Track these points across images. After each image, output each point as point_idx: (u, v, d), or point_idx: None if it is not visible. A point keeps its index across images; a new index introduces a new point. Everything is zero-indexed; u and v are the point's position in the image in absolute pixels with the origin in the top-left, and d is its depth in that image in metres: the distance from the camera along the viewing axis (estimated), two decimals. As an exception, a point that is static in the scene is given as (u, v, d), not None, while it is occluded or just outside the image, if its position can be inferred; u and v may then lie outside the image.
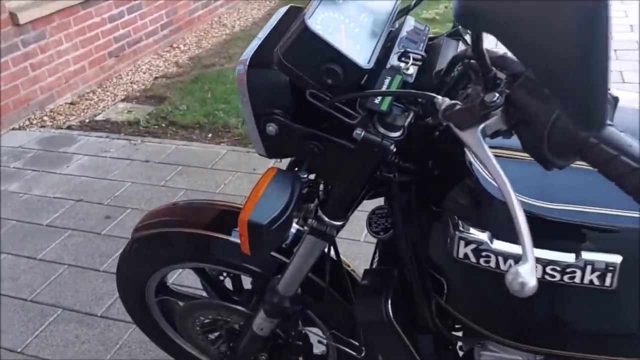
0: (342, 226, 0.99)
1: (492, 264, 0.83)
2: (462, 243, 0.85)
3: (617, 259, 0.79)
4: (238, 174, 2.84)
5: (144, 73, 4.27)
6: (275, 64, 0.82)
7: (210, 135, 3.28)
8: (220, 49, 4.62)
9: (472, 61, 0.71)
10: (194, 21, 4.98)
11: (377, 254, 1.14)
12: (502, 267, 0.83)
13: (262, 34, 0.93)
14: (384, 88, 0.79)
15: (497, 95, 0.60)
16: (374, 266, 1.14)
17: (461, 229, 0.85)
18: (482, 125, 0.61)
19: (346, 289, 1.20)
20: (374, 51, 0.82)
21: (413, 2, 0.97)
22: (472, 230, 0.85)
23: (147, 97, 3.87)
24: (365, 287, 1.07)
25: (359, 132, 0.82)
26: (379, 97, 0.79)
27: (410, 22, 0.93)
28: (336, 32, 0.80)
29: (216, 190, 2.73)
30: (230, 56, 4.38)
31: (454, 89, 0.79)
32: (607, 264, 0.79)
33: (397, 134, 0.83)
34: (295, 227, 1.18)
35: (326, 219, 0.97)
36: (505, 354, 0.98)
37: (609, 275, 0.79)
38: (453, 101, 0.64)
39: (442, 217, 0.91)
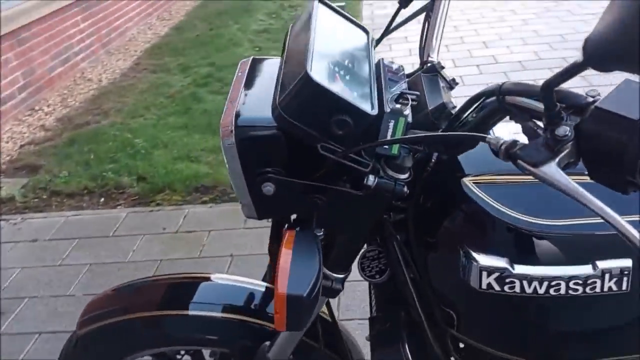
0: (346, 278, 0.93)
1: (517, 289, 0.82)
2: (484, 274, 0.83)
3: (628, 262, 0.81)
4: (146, 237, 2.62)
5: (7, 142, 3.85)
6: (275, 120, 0.75)
7: (102, 199, 3.01)
8: (91, 105, 4.31)
9: (512, 97, 0.70)
10: (54, 79, 4.61)
11: (374, 299, 1.09)
12: (527, 290, 0.82)
13: (235, 93, 0.86)
14: (389, 132, 0.76)
15: (568, 129, 0.59)
16: (374, 312, 1.08)
17: (477, 259, 0.83)
18: (557, 159, 0.59)
19: (340, 347, 1.13)
20: (372, 96, 0.79)
21: (379, 36, 0.96)
22: (490, 259, 0.83)
23: (17, 169, 3.48)
24: (379, 336, 1.01)
25: (372, 179, 0.77)
26: None
27: (383, 62, 0.92)
28: (335, 82, 0.76)
29: (125, 259, 2.49)
30: (104, 112, 4.10)
31: (480, 126, 0.77)
32: (622, 269, 0.81)
33: (405, 176, 0.81)
34: None
35: (331, 273, 0.90)
36: None
37: (625, 279, 0.81)
38: (511, 139, 0.62)
39: (448, 249, 0.89)
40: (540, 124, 0.66)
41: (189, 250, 2.50)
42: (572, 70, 0.56)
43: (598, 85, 3.30)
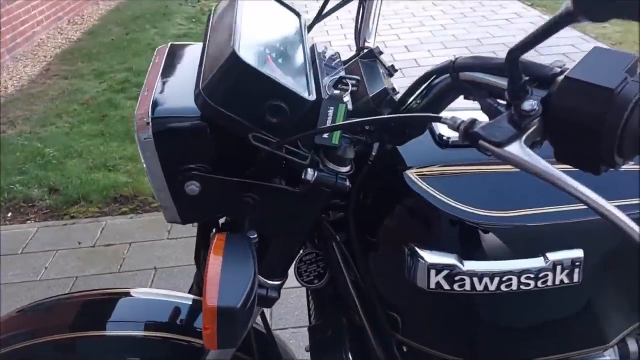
0: (283, 285, 0.85)
1: (468, 287, 0.77)
2: (432, 272, 0.77)
3: (580, 253, 0.78)
4: (60, 253, 2.41)
5: None
6: (199, 108, 0.67)
7: (10, 214, 2.75)
8: (-5, 114, 3.98)
9: (467, 74, 0.64)
10: (-48, 87, 4.22)
11: (312, 307, 1.01)
12: (478, 287, 0.77)
13: (152, 82, 0.76)
14: (329, 120, 0.69)
15: (535, 102, 0.54)
16: (313, 320, 1.00)
17: (424, 257, 0.78)
18: (524, 137, 0.54)
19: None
20: (308, 81, 0.71)
21: (312, 21, 0.88)
22: (438, 256, 0.78)
23: None
24: (320, 345, 0.94)
25: (312, 173, 0.70)
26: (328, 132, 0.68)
27: (317, 48, 0.85)
28: (267, 64, 0.68)
29: (37, 277, 2.27)
30: (11, 121, 3.78)
31: (431, 109, 0.71)
32: (573, 260, 0.78)
33: (347, 169, 0.74)
34: None
35: (266, 281, 0.82)
36: None
37: (576, 270, 0.78)
38: (471, 118, 0.56)
39: (393, 248, 0.83)
40: (501, 101, 0.61)
41: (108, 265, 2.32)
42: (551, 28, 0.49)
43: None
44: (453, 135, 0.85)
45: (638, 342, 0.93)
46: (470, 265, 0.77)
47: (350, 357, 0.90)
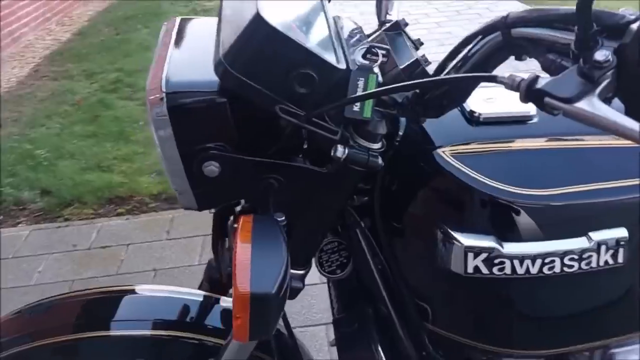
0: (307, 274, 0.79)
1: (508, 271, 0.72)
2: (469, 256, 0.71)
3: (624, 232, 0.73)
4: (54, 256, 2.33)
5: None
6: (220, 79, 0.61)
7: (1, 217, 2.66)
8: (-17, 117, 3.88)
9: (521, 29, 0.58)
10: (-62, 90, 4.11)
11: (335, 299, 0.95)
12: (519, 271, 0.71)
13: (163, 54, 0.70)
14: (359, 91, 0.63)
15: (608, 53, 0.48)
16: (336, 313, 0.94)
17: (460, 239, 0.72)
18: (598, 90, 0.48)
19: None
20: (335, 49, 0.65)
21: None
22: (475, 238, 0.72)
23: None
24: (346, 339, 0.88)
25: (342, 150, 0.64)
26: (358, 103, 0.62)
27: (339, 19, 0.79)
28: (293, 31, 0.62)
29: (30, 282, 2.19)
30: (-1, 123, 3.69)
31: (477, 70, 0.65)
32: (617, 240, 0.73)
33: (379, 145, 0.68)
34: None
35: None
36: None
37: (621, 250, 0.73)
38: (533, 74, 0.50)
39: (423, 232, 0.77)
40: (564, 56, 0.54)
41: (105, 267, 2.23)
42: None
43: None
44: (485, 111, 0.80)
45: None
46: (510, 247, 0.71)
47: (380, 348, 0.84)
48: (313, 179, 0.68)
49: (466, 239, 0.72)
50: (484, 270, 0.72)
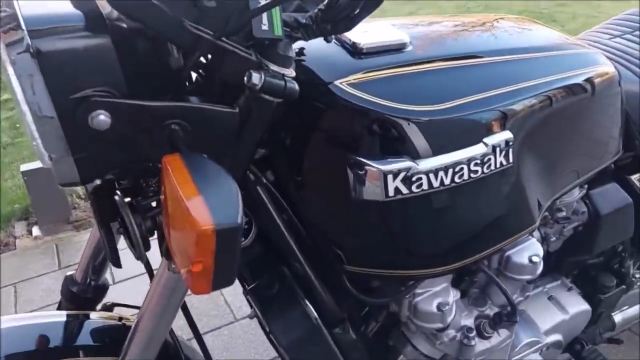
0: None
1: (425, 186, 0.74)
2: (389, 179, 0.73)
3: (509, 134, 0.80)
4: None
5: None
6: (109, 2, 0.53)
7: None
8: None
9: None
10: None
11: (242, 269, 0.89)
12: (435, 184, 0.75)
13: None
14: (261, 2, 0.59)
15: None
16: (247, 283, 0.88)
17: (376, 165, 0.73)
18: None
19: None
20: None
21: None
22: (390, 161, 0.73)
23: None
24: (270, 302, 0.85)
25: (258, 76, 0.60)
26: (266, 22, 0.59)
27: None
28: None
29: None
30: None
31: None
32: (507, 141, 0.80)
33: (291, 71, 0.64)
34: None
35: None
36: (436, 286, 0.90)
37: (510, 151, 0.80)
38: None
39: (333, 170, 0.76)
40: None
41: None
42: None
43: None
44: (367, 42, 0.81)
45: None
46: (424, 164, 0.74)
47: (308, 302, 0.83)
48: (223, 120, 0.63)
49: (383, 165, 0.73)
50: (404, 190, 0.73)
